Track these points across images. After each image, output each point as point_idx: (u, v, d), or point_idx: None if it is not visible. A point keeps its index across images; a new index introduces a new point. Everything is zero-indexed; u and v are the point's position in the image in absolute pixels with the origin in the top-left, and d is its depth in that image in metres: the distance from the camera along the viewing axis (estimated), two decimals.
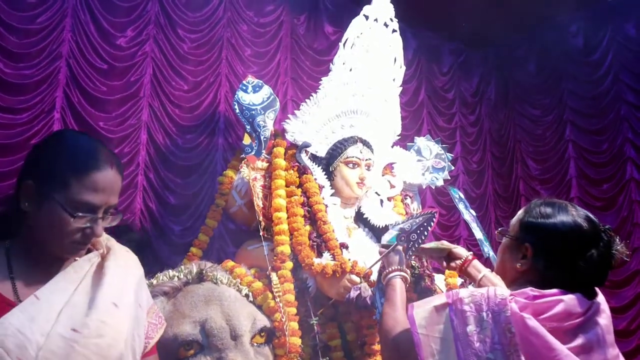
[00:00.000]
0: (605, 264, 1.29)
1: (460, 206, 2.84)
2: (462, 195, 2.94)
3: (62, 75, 3.03)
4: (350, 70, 2.66)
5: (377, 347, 2.24)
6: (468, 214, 2.83)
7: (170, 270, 1.97)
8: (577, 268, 1.27)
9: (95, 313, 1.14)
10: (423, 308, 1.28)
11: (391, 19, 2.73)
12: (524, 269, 1.31)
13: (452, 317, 1.22)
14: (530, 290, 1.23)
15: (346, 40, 2.68)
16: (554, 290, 1.24)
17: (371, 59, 2.67)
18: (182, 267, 2.01)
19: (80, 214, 1.15)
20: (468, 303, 1.22)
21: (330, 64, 2.75)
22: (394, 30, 2.74)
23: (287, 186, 2.42)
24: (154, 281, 1.89)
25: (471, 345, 1.17)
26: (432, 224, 2.30)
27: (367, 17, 2.68)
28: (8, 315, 1.06)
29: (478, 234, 2.74)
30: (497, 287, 1.28)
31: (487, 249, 2.76)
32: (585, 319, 1.22)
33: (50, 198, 1.13)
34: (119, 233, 1.35)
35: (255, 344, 1.91)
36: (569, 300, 1.22)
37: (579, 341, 1.20)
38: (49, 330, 1.07)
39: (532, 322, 1.16)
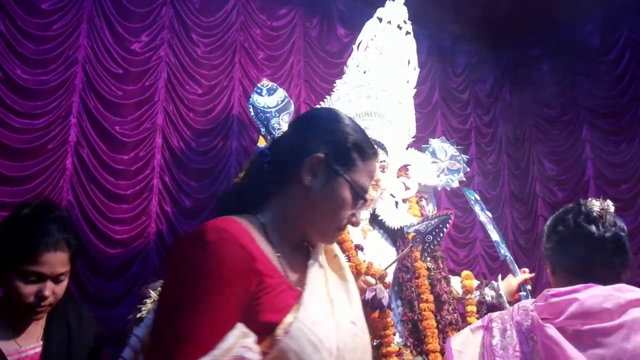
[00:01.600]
0: (608, 241, 1.26)
1: (476, 208, 2.80)
2: (477, 197, 2.91)
3: (79, 80, 3.08)
4: (364, 72, 2.65)
5: (392, 348, 2.22)
6: (484, 216, 2.80)
7: None
8: (577, 249, 1.27)
9: (357, 308, 1.08)
10: (460, 333, 1.39)
11: (404, 21, 2.72)
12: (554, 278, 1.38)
13: (484, 335, 1.31)
14: (546, 291, 1.24)
15: (360, 42, 2.68)
16: (572, 287, 1.21)
17: (385, 61, 2.67)
18: None
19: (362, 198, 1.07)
20: (496, 319, 1.31)
21: (344, 66, 2.75)
22: (407, 32, 2.73)
23: None
24: None
25: (495, 354, 1.25)
26: (447, 225, 2.29)
27: (380, 20, 2.68)
28: (308, 303, 0.94)
29: (494, 235, 2.71)
30: (525, 300, 1.37)
31: (504, 251, 2.72)
32: (618, 326, 1.14)
33: (340, 176, 1.02)
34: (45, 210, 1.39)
35: None
36: (587, 297, 1.18)
37: (607, 349, 1.13)
38: (335, 320, 0.99)
39: (552, 330, 1.16)
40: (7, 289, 1.29)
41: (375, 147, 2.57)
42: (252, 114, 2.50)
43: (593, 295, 1.18)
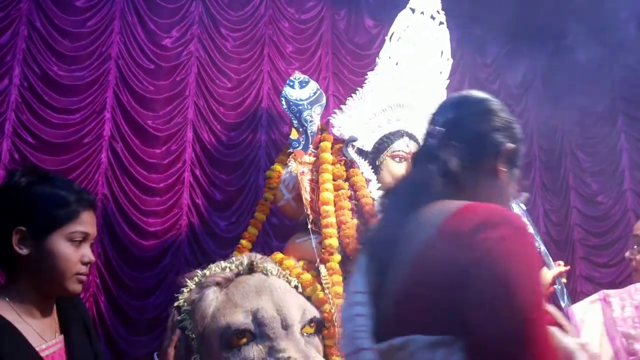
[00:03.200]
0: None
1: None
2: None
3: (112, 76, 3.14)
4: (397, 64, 2.63)
5: None
6: (517, 208, 2.76)
7: (222, 262, 2.00)
8: None
9: None
10: (579, 305, 1.79)
11: (438, 12, 2.69)
12: None
13: (603, 306, 1.67)
14: None
15: (392, 34, 2.66)
16: None
17: (417, 52, 2.65)
18: (234, 258, 2.04)
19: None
20: (613, 295, 1.67)
21: (375, 57, 2.73)
22: (440, 23, 2.70)
23: (334, 180, 2.43)
24: (207, 272, 1.92)
25: (616, 324, 1.60)
26: None
27: (413, 10, 2.65)
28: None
29: (529, 228, 2.67)
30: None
31: (538, 244, 2.68)
32: None
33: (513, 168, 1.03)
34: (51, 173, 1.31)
35: (306, 334, 1.91)
36: None
37: None
38: None
39: None
40: (47, 259, 1.17)
41: (407, 138, 2.57)
42: (285, 106, 2.51)
43: None
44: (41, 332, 1.18)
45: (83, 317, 1.33)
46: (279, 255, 2.25)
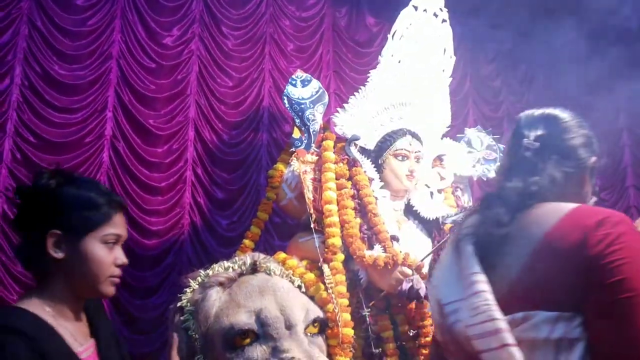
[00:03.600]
0: None
1: None
2: None
3: (113, 75, 3.13)
4: (399, 62, 2.62)
5: (430, 339, 2.21)
6: None
7: (224, 262, 1.98)
8: None
9: None
10: None
11: (440, 9, 2.67)
12: None
13: None
14: None
15: (395, 31, 2.64)
16: None
17: (420, 50, 2.63)
18: (236, 258, 2.03)
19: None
20: None
21: (377, 55, 2.72)
22: (443, 20, 2.69)
23: (337, 179, 2.42)
24: (210, 272, 1.91)
25: None
26: None
27: (416, 8, 2.64)
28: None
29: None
30: None
31: None
32: None
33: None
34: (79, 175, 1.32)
35: (309, 334, 1.90)
36: None
37: None
38: None
39: None
40: (83, 262, 1.16)
41: (410, 136, 2.56)
42: (287, 105, 2.50)
43: None
44: (75, 336, 1.18)
45: (108, 321, 1.34)
46: (281, 255, 2.24)
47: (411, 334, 2.25)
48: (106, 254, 1.19)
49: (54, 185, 1.18)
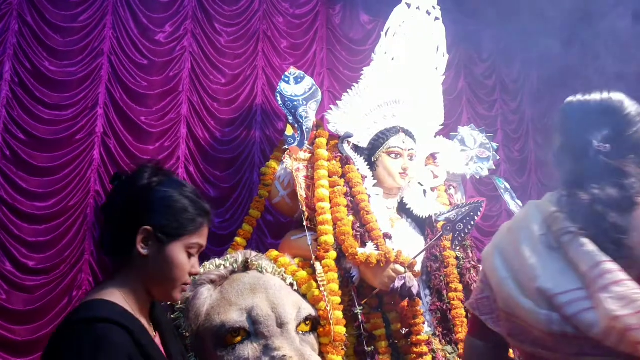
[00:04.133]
0: None
1: (507, 196, 2.76)
2: (507, 186, 2.86)
3: (104, 71, 3.10)
4: (392, 59, 2.61)
5: (422, 337, 2.21)
6: (514, 204, 2.76)
7: (216, 259, 1.98)
8: None
9: None
10: None
11: (433, 7, 2.67)
12: None
13: None
14: None
15: (388, 29, 2.64)
16: None
17: (413, 47, 2.62)
18: (228, 256, 2.02)
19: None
20: None
21: (371, 53, 2.71)
22: (436, 18, 2.69)
23: (329, 177, 2.41)
24: (202, 270, 1.91)
25: None
26: (479, 214, 2.26)
27: (409, 5, 2.63)
28: None
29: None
30: None
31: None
32: None
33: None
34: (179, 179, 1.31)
35: (301, 332, 1.91)
36: None
37: None
38: None
39: None
40: (165, 265, 1.17)
41: (403, 134, 2.56)
42: (280, 102, 2.48)
43: None
44: (148, 330, 1.18)
45: (166, 316, 1.35)
46: (274, 253, 2.23)
47: (403, 332, 2.24)
48: (187, 261, 1.20)
49: (155, 184, 1.19)
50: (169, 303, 1.86)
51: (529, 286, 1.07)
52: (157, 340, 1.22)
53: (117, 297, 1.13)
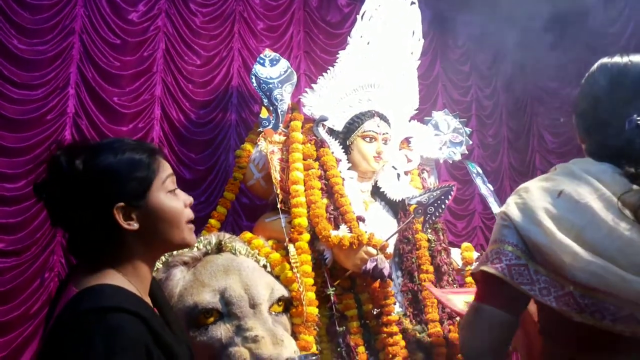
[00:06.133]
0: None
1: (478, 180, 2.82)
2: (479, 170, 2.92)
3: (76, 50, 3.03)
4: (368, 43, 2.62)
5: (392, 317, 2.26)
6: (485, 189, 2.82)
7: None
8: None
9: None
10: None
11: None
12: None
13: None
14: None
15: (364, 12, 2.64)
16: None
17: (389, 31, 2.63)
18: (202, 237, 2.03)
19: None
20: None
21: (348, 36, 2.71)
22: (412, 2, 2.70)
23: (304, 159, 2.42)
24: (174, 251, 1.91)
25: None
26: (449, 197, 2.31)
27: None
28: None
29: (495, 208, 2.74)
30: None
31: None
32: None
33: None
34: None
35: (274, 313, 1.93)
36: None
37: None
38: None
39: None
40: (159, 218, 1.08)
41: (378, 118, 2.58)
42: (255, 84, 2.47)
43: None
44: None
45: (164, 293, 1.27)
46: (247, 235, 2.24)
47: (375, 313, 2.29)
48: (175, 198, 1.12)
49: (81, 165, 1.05)
50: None
51: (631, 261, 0.97)
52: None
53: (120, 279, 1.05)
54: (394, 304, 2.29)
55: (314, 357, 1.58)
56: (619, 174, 1.05)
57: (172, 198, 1.12)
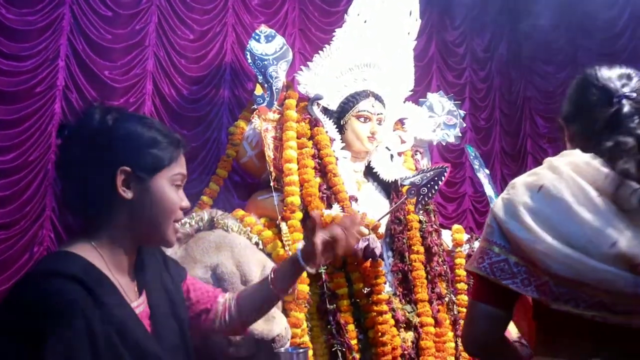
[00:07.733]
0: None
1: (475, 164, 2.83)
2: (477, 154, 2.93)
3: (66, 22, 2.96)
4: (365, 22, 2.58)
5: (382, 296, 2.28)
6: (482, 172, 2.83)
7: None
8: None
9: None
10: None
11: None
12: None
13: None
14: None
15: None
16: None
17: (386, 11, 2.60)
18: (194, 214, 2.03)
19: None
20: None
21: (344, 14, 2.67)
22: None
23: (298, 138, 2.41)
24: None
25: None
26: (442, 178, 2.31)
27: None
28: None
29: (490, 191, 2.76)
30: None
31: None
32: None
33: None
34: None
35: None
36: None
37: None
38: None
39: None
40: (153, 202, 1.08)
41: (373, 98, 2.57)
42: (250, 61, 2.44)
43: None
44: (126, 291, 1.08)
45: (162, 273, 1.21)
46: (240, 212, 2.24)
47: (365, 291, 2.31)
48: (175, 194, 1.12)
49: (112, 121, 1.07)
50: None
51: (600, 251, 1.01)
52: (141, 304, 1.11)
53: (87, 249, 1.04)
54: (384, 283, 2.31)
55: (302, 350, 1.59)
56: (601, 164, 1.09)
57: (174, 191, 1.12)
